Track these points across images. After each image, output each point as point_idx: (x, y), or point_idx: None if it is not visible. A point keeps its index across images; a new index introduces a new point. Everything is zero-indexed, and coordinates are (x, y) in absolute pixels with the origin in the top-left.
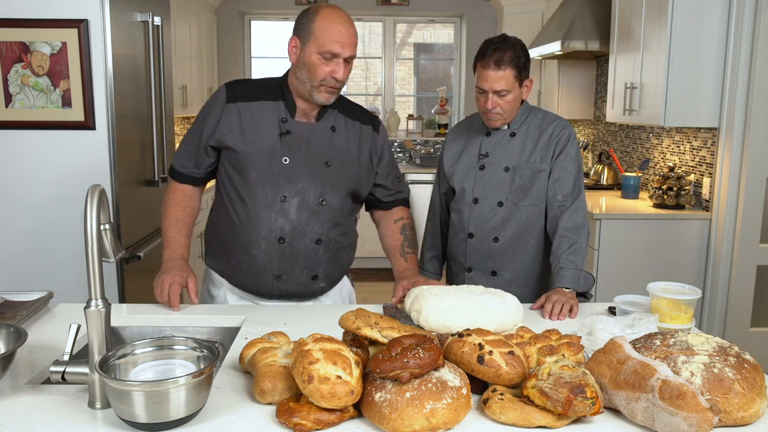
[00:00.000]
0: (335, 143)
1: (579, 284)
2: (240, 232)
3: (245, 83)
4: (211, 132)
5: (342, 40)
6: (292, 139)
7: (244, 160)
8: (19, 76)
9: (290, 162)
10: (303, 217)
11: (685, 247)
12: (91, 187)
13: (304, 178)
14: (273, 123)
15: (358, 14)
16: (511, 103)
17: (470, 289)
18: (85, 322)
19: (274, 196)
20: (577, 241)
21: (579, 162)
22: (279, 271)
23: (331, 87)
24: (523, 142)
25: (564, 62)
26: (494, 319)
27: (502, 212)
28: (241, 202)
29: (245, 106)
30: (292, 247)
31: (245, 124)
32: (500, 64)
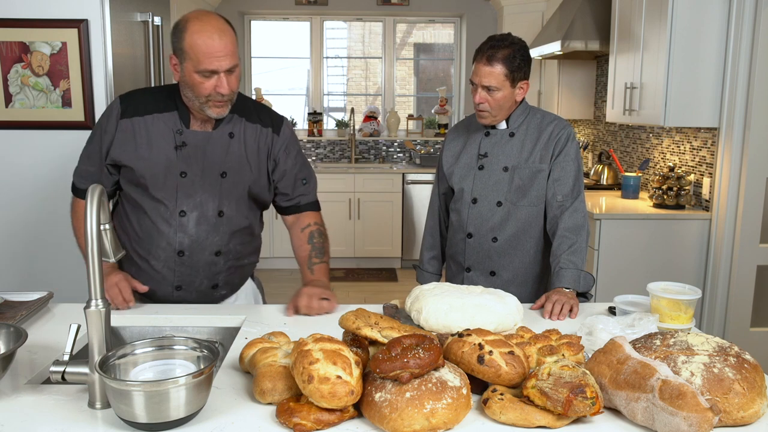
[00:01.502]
0: (232, 150)
1: (579, 284)
2: (141, 243)
3: (139, 95)
4: (107, 150)
5: (216, 54)
6: (188, 151)
7: (140, 177)
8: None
9: (188, 175)
10: (202, 231)
11: (685, 247)
12: (91, 187)
13: (201, 192)
14: (168, 136)
15: (358, 14)
16: (499, 101)
17: (470, 289)
18: (85, 322)
19: (174, 210)
20: (577, 242)
21: (579, 162)
22: (179, 282)
23: (218, 101)
24: (522, 142)
25: (564, 62)
26: (494, 319)
27: (501, 212)
28: (142, 214)
29: (139, 120)
30: (192, 259)
31: (139, 140)
32: (492, 60)
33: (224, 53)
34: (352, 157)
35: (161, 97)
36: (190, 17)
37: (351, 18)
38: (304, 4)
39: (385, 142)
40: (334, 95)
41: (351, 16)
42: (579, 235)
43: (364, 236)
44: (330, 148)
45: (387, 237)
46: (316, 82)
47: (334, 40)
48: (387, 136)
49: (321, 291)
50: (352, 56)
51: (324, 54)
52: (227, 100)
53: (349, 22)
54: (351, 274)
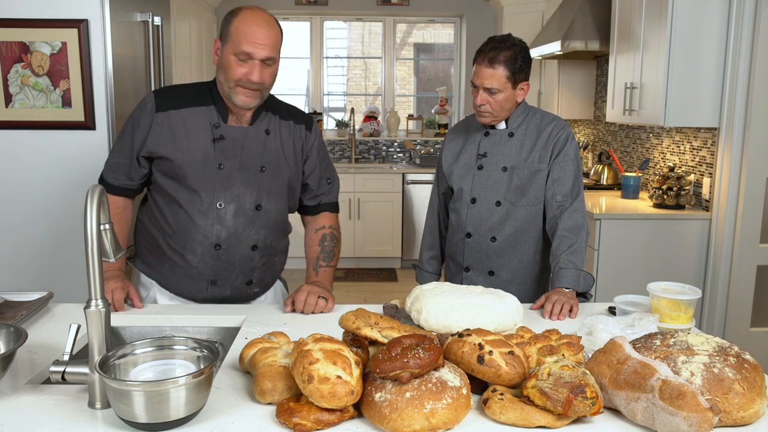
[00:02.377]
0: (270, 146)
1: (579, 284)
2: (175, 238)
3: (173, 90)
4: (142, 143)
5: (256, 41)
6: (225, 145)
7: (178, 168)
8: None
9: (225, 168)
10: (239, 224)
11: (685, 247)
12: (91, 187)
13: (240, 184)
14: (205, 129)
15: (358, 14)
16: (500, 102)
17: (470, 289)
18: (85, 322)
19: (210, 203)
20: (577, 242)
21: (578, 162)
22: (214, 276)
23: (247, 89)
24: (521, 142)
25: (564, 62)
26: (494, 319)
27: (500, 212)
28: (177, 207)
29: (176, 113)
30: (228, 253)
31: (177, 132)
32: (494, 63)
33: (264, 42)
34: (352, 157)
35: (197, 92)
36: (244, 7)
37: (351, 18)
38: (304, 4)
39: (385, 142)
40: (334, 95)
41: (351, 16)
42: (578, 235)
43: (364, 236)
44: (330, 148)
45: (387, 237)
46: (316, 82)
47: (334, 40)
48: (387, 136)
49: (320, 290)
50: (352, 56)
51: (324, 54)
52: (256, 91)
53: (349, 22)
54: (351, 274)
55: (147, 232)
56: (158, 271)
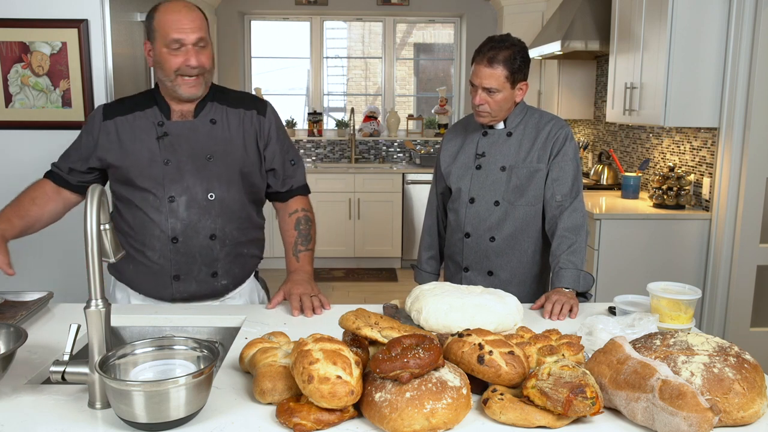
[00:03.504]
0: (216, 135)
1: (579, 284)
2: (135, 237)
3: (119, 101)
4: (91, 151)
5: (183, 26)
6: (171, 141)
7: (126, 171)
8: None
9: (172, 163)
10: (193, 214)
11: (685, 247)
12: (91, 187)
13: (189, 176)
14: (150, 129)
15: (358, 14)
16: (499, 102)
17: (470, 289)
18: (85, 322)
19: (162, 197)
20: (576, 241)
21: (577, 162)
22: (176, 271)
23: (189, 77)
24: (520, 141)
25: (564, 62)
26: (494, 319)
27: (499, 212)
28: (134, 208)
29: (122, 120)
30: (186, 245)
31: (123, 137)
32: (493, 62)
33: (191, 26)
34: (352, 157)
35: (141, 98)
36: (160, 3)
37: (351, 18)
38: (304, 4)
39: (385, 142)
40: (334, 95)
41: (351, 16)
42: (578, 234)
43: (364, 236)
44: (330, 148)
45: (387, 237)
46: (316, 82)
47: (334, 40)
48: (387, 136)
49: (309, 289)
50: (352, 56)
51: (324, 54)
52: (198, 76)
53: (349, 22)
54: (351, 274)
55: None
56: (125, 273)
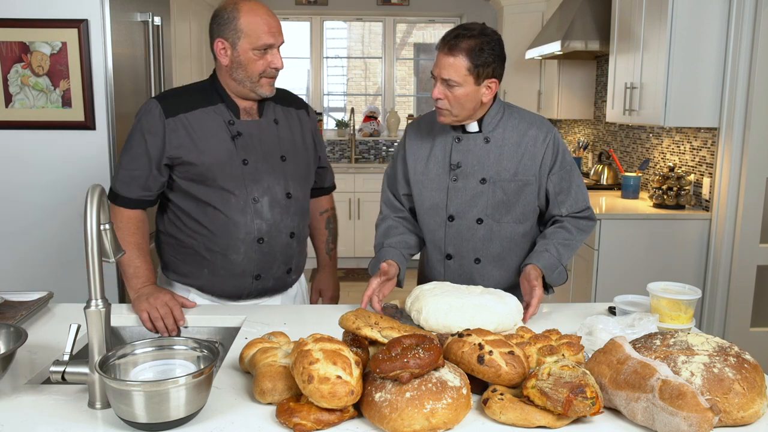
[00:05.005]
0: (282, 135)
1: (552, 274)
2: (215, 240)
3: (175, 94)
4: (160, 150)
5: (272, 30)
6: (245, 140)
7: (205, 170)
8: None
9: (250, 163)
10: (277, 215)
11: (685, 247)
12: (91, 187)
13: (267, 176)
14: (221, 127)
15: (358, 14)
16: (459, 99)
17: (470, 289)
18: (85, 322)
19: (246, 199)
20: (574, 239)
21: (576, 167)
22: (258, 270)
23: (271, 78)
24: (500, 149)
25: (564, 62)
26: (494, 319)
27: (483, 230)
28: (211, 210)
29: (187, 117)
30: (270, 245)
31: (194, 135)
32: (453, 50)
33: (278, 29)
34: (352, 157)
35: (200, 92)
36: (238, 3)
37: (351, 18)
38: (304, 4)
39: (385, 142)
40: (334, 95)
41: (351, 16)
42: (579, 234)
43: (364, 236)
44: (330, 148)
45: None
46: (316, 82)
47: (334, 40)
48: (387, 136)
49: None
50: (352, 56)
51: (324, 54)
52: (275, 78)
53: (349, 22)
54: (351, 274)
55: (176, 242)
56: (197, 277)
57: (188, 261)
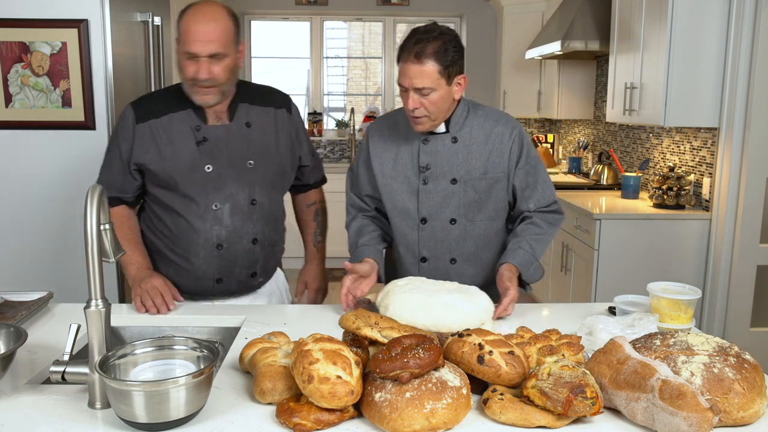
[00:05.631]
0: (253, 139)
1: (528, 271)
2: (177, 243)
3: (150, 99)
4: (128, 156)
5: (199, 38)
6: (210, 146)
7: (167, 177)
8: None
9: (213, 169)
10: (237, 222)
11: (685, 247)
12: (91, 187)
13: (231, 183)
14: (188, 133)
15: (358, 14)
16: (437, 103)
17: (442, 286)
18: (85, 322)
19: (206, 206)
20: (546, 233)
21: (542, 162)
22: (219, 275)
23: (202, 87)
24: (468, 148)
25: (564, 62)
26: (460, 319)
27: (456, 231)
28: (174, 215)
29: (156, 123)
30: (230, 251)
31: (160, 141)
32: (421, 57)
33: (207, 39)
34: (352, 157)
35: (172, 97)
36: (191, 5)
37: (351, 18)
38: (304, 4)
39: None
40: (334, 95)
41: (351, 16)
42: (550, 228)
43: None
44: (330, 148)
45: None
46: (316, 82)
47: (334, 40)
48: None
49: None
50: (352, 56)
51: (324, 54)
52: (211, 87)
53: (349, 22)
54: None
55: (148, 241)
56: (164, 274)
57: (156, 260)
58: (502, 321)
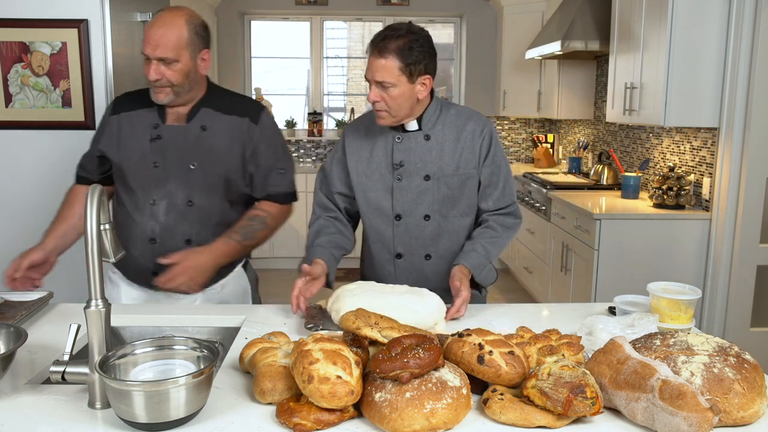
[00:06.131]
0: (203, 143)
1: (480, 273)
2: (121, 232)
3: (132, 93)
4: (97, 143)
5: (150, 42)
6: (162, 144)
7: (118, 168)
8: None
9: (160, 166)
10: (171, 219)
11: (685, 247)
12: (91, 187)
13: (172, 181)
14: (146, 130)
15: (358, 14)
16: (396, 99)
17: (393, 289)
18: (85, 322)
19: (146, 200)
20: (501, 236)
21: (507, 162)
22: (155, 268)
23: (156, 87)
24: (441, 145)
25: (564, 62)
26: (412, 319)
27: (431, 227)
28: (121, 205)
29: (126, 116)
30: (163, 246)
31: (123, 134)
32: (383, 52)
33: (158, 43)
34: None
35: (147, 94)
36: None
37: (351, 18)
38: (304, 4)
39: None
40: (334, 95)
41: (351, 16)
42: (506, 232)
43: None
44: (330, 148)
45: None
46: (316, 82)
47: (334, 40)
48: None
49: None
50: (352, 56)
51: (324, 54)
52: (164, 87)
53: (349, 22)
54: (351, 274)
55: None
56: None
57: None
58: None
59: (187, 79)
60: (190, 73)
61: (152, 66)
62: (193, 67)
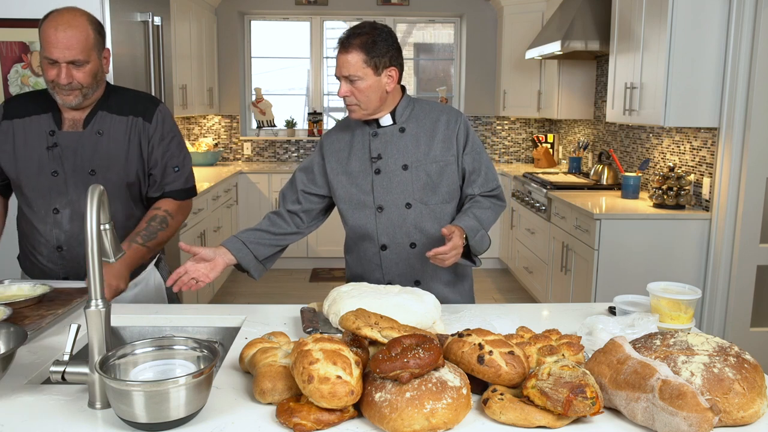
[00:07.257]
0: (101, 149)
1: (474, 236)
2: (26, 240)
3: (25, 97)
4: None
5: (57, 45)
6: (59, 152)
7: (16, 178)
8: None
9: (59, 174)
10: (76, 227)
11: (685, 247)
12: (91, 187)
13: (74, 189)
14: (42, 137)
15: (358, 14)
16: (364, 92)
17: (387, 289)
18: (85, 322)
19: (48, 209)
20: (491, 209)
21: (484, 150)
22: (65, 274)
23: (62, 90)
24: (416, 136)
25: (564, 62)
26: (413, 319)
27: (413, 214)
28: (23, 213)
29: (19, 123)
30: (71, 253)
31: (17, 142)
32: (348, 48)
33: (66, 46)
34: None
35: (41, 99)
36: (53, 10)
37: (351, 18)
38: (304, 4)
39: None
40: (334, 95)
41: (351, 16)
42: (494, 207)
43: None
44: None
45: None
46: (316, 82)
47: (334, 40)
48: None
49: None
50: None
51: (324, 54)
52: (74, 90)
53: (349, 22)
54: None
55: None
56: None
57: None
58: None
59: (95, 80)
60: (98, 73)
61: (62, 69)
62: (99, 67)
